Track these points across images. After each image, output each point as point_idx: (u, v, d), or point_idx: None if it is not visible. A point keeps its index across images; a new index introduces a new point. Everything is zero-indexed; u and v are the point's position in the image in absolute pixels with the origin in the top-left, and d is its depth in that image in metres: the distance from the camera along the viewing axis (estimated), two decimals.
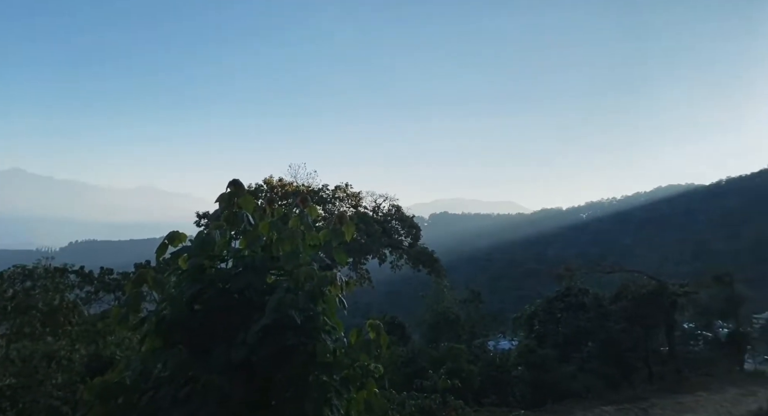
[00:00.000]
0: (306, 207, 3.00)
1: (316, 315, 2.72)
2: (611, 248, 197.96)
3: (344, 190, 31.15)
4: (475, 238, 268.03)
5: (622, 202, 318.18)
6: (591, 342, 23.78)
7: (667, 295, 23.62)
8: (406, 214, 32.26)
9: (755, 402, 14.17)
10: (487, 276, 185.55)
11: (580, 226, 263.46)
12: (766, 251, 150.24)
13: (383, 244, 30.42)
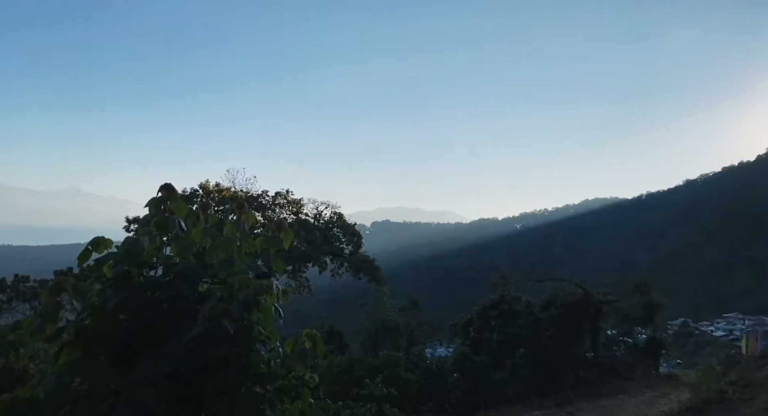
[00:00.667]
0: (243, 213, 2.92)
1: (250, 325, 2.65)
2: (543, 257, 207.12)
3: (285, 196, 30.69)
4: (416, 246, 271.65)
5: (553, 213, 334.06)
6: (523, 349, 24.63)
7: (593, 303, 25.01)
8: (348, 222, 32.24)
9: (667, 404, 15.22)
10: (427, 284, 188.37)
11: (514, 236, 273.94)
12: (680, 262, 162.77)
13: (324, 252, 30.20)
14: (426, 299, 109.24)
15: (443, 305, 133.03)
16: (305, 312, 75.48)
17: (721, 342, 60.02)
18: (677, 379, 22.38)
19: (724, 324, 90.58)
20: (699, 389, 14.16)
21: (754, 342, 24.98)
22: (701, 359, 31.94)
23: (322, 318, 52.84)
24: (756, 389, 12.66)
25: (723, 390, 12.77)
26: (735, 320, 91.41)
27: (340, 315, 55.44)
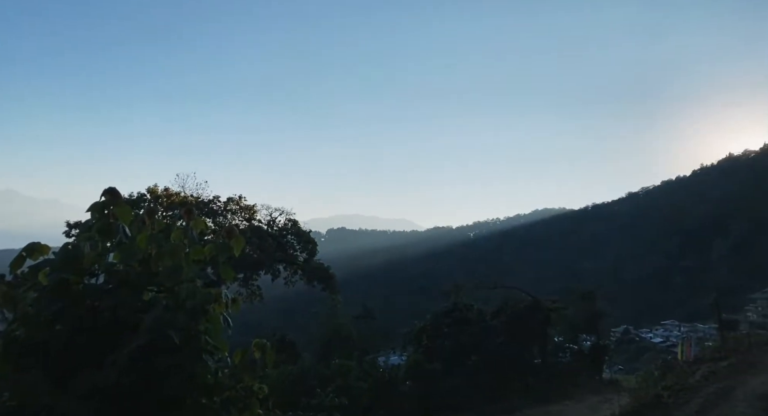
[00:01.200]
0: (192, 219, 2.83)
1: (197, 335, 2.56)
2: (495, 265, 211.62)
3: (237, 202, 30.03)
4: (372, 254, 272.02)
5: (504, 222, 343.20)
6: (474, 356, 25.01)
7: (541, 311, 25.78)
8: (303, 229, 31.84)
9: (609, 408, 15.81)
10: (382, 292, 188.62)
11: (468, 244, 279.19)
12: (623, 271, 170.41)
13: (277, 259, 29.69)
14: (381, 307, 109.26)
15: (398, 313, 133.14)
16: (256, 320, 73.75)
17: (659, 348, 63.24)
18: (619, 384, 23.27)
19: (662, 330, 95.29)
20: (638, 394, 14.80)
21: (688, 347, 26.42)
22: (641, 364, 33.52)
23: (273, 327, 51.79)
24: (690, 393, 13.35)
25: (659, 395, 13.40)
26: (672, 327, 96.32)
27: (293, 324, 54.55)
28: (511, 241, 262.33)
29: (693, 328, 72.07)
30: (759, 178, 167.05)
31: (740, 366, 16.46)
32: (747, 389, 13.36)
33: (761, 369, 15.94)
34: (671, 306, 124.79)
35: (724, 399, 12.55)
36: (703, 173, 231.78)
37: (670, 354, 36.70)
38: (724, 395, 12.99)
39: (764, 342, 21.71)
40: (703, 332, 57.12)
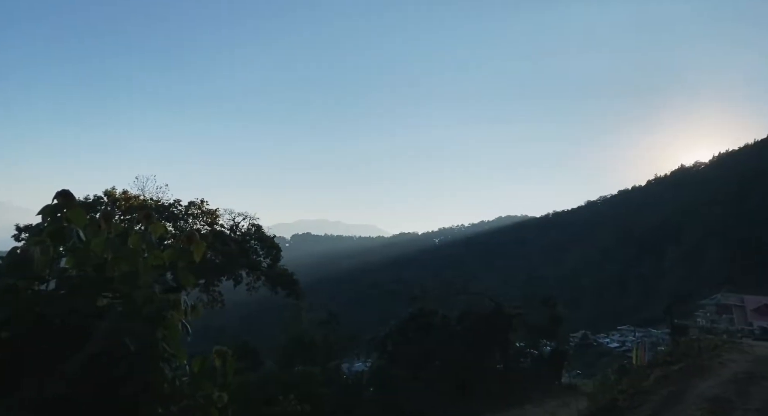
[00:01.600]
0: (150, 223, 2.75)
1: (154, 343, 2.48)
2: (460, 271, 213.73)
3: (199, 206, 29.34)
4: (337, 259, 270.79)
5: (469, 229, 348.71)
6: (438, 361, 25.21)
7: (504, 317, 26.26)
8: (267, 234, 31.39)
9: (568, 413, 16.19)
10: (348, 298, 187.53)
11: (433, 250, 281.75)
12: (582, 277, 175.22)
13: (240, 265, 29.15)
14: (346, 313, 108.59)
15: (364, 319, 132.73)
16: (218, 327, 72.10)
17: (616, 353, 65.15)
18: (577, 389, 23.87)
19: (618, 335, 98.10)
20: (595, 398, 15.21)
21: (643, 352, 27.38)
22: (598, 369, 34.41)
23: (235, 334, 50.77)
24: (643, 396, 13.83)
25: (615, 399, 13.81)
26: (627, 332, 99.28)
27: (256, 331, 53.62)
28: (475, 247, 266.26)
29: (647, 333, 74.66)
30: (708, 189, 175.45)
31: (690, 369, 17.15)
32: (696, 392, 13.93)
33: (709, 372, 16.66)
34: (627, 312, 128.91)
35: (676, 403, 13.06)
36: (656, 183, 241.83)
37: (626, 359, 37.92)
38: (675, 398, 13.51)
39: (712, 347, 22.70)
40: (656, 337, 59.34)
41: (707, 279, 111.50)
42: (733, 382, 15.01)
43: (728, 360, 18.79)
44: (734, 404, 12.81)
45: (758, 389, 14.22)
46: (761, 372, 16.47)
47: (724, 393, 13.81)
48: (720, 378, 15.55)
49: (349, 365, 37.70)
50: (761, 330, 49.80)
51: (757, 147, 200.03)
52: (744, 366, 17.49)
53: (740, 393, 13.82)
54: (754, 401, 13.07)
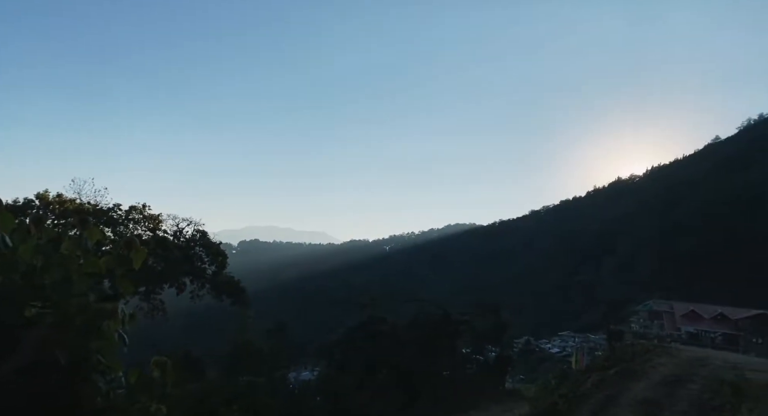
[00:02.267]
0: (86, 228, 2.62)
1: (87, 354, 2.36)
2: (409, 279, 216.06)
3: (141, 211, 28.15)
4: (286, 267, 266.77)
5: (419, 236, 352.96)
6: (386, 369, 25.26)
7: (451, 324, 26.71)
8: (213, 240, 30.51)
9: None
10: (297, 306, 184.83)
11: (383, 257, 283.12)
12: (526, 284, 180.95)
13: (184, 272, 28.18)
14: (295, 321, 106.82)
15: (312, 327, 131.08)
16: (158, 337, 69.25)
17: (557, 358, 67.70)
18: (520, 394, 24.54)
19: (559, 341, 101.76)
20: (536, 402, 15.70)
21: (581, 357, 28.62)
22: (540, 374, 35.60)
23: (178, 343, 48.87)
24: (581, 400, 14.42)
25: (555, 403, 14.32)
26: (568, 337, 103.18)
27: (199, 340, 51.78)
28: (425, 255, 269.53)
29: (586, 339, 77.96)
30: (642, 200, 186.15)
31: (625, 373, 18.05)
32: (630, 395, 14.68)
33: (642, 376, 17.60)
34: (568, 318, 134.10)
35: (611, 405, 13.69)
36: (595, 194, 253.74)
37: (566, 364, 39.42)
38: (611, 401, 14.17)
39: (644, 351, 24.00)
40: (594, 342, 62.00)
41: (640, 286, 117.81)
42: (663, 385, 15.92)
43: (659, 364, 19.92)
44: (663, 406, 13.58)
45: (685, 391, 15.15)
46: (688, 375, 17.56)
47: (655, 395, 14.62)
48: (651, 381, 16.46)
49: (297, 374, 37.12)
50: (688, 334, 53.20)
51: (686, 161, 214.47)
52: (672, 370, 18.59)
53: (669, 395, 14.68)
54: (682, 403, 13.92)
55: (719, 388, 14.88)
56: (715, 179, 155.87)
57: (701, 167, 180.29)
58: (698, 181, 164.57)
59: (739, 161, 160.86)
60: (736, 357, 28.93)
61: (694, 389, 15.47)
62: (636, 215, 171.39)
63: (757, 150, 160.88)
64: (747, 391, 14.14)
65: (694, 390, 15.36)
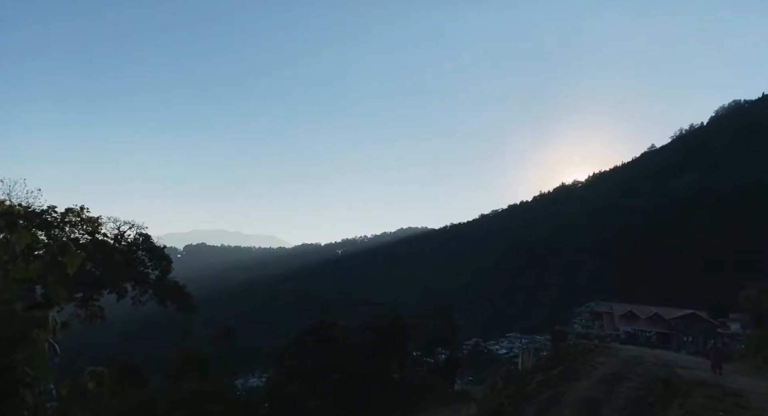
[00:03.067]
0: (14, 232, 2.47)
1: (13, 366, 2.23)
2: (362, 283, 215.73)
3: (78, 214, 26.66)
4: (235, 271, 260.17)
5: (372, 240, 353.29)
6: (337, 373, 25.10)
7: (403, 327, 26.88)
8: (157, 244, 29.32)
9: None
10: (245, 311, 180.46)
11: (335, 261, 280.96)
12: (476, 287, 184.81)
13: (125, 277, 26.92)
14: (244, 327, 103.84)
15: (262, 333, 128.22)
16: (96, 345, 65.82)
17: (504, 359, 69.39)
18: (468, 395, 25.03)
19: (507, 342, 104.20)
20: (483, 403, 16.05)
21: (527, 358, 29.51)
22: (488, 375, 36.40)
23: (117, 351, 46.68)
24: (526, 400, 14.85)
25: (502, 403, 14.68)
26: (514, 339, 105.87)
27: (141, 347, 49.61)
28: (377, 258, 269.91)
29: (532, 340, 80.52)
30: (584, 205, 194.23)
31: (568, 373, 18.77)
32: (572, 394, 15.26)
33: (583, 375, 18.36)
34: (515, 320, 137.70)
35: (554, 404, 14.18)
36: (541, 199, 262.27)
37: (513, 364, 40.48)
38: (554, 400, 14.67)
39: (586, 351, 25.08)
40: (540, 343, 64.09)
41: (583, 289, 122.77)
42: (603, 383, 16.67)
43: (599, 363, 20.87)
44: (602, 403, 14.21)
45: (622, 388, 15.93)
46: (625, 373, 18.48)
47: (595, 393, 15.28)
48: (591, 380, 17.19)
49: (245, 380, 36.24)
50: (626, 334, 55.94)
51: (625, 168, 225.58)
52: (611, 368, 19.51)
53: (608, 393, 15.38)
54: (620, 400, 14.62)
55: (653, 385, 15.75)
56: (651, 185, 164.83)
57: (639, 174, 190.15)
58: (636, 187, 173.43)
59: (673, 168, 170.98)
60: (668, 355, 30.78)
61: (631, 386, 16.29)
62: (579, 220, 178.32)
63: (688, 158, 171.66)
64: (678, 387, 15.04)
65: (631, 387, 16.18)
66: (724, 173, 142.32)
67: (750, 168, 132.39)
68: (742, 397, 13.78)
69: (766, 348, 24.54)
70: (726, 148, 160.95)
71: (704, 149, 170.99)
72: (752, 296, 27.10)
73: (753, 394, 14.55)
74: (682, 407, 12.60)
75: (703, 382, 15.96)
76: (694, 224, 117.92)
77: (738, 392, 14.60)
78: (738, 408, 12.27)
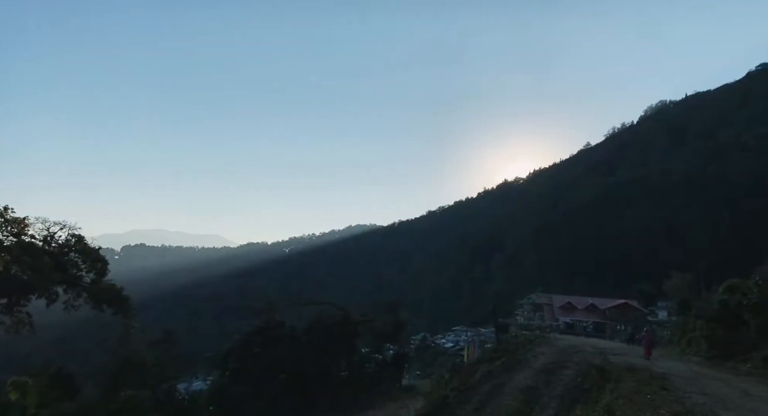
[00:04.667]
0: None
1: None
2: (310, 281, 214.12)
3: (2, 214, 24.88)
4: (177, 272, 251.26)
5: (320, 238, 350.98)
6: (284, 374, 24.77)
7: (351, 324, 26.86)
8: (91, 245, 27.82)
9: (406, 414, 17.19)
10: (187, 313, 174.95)
11: (283, 260, 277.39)
12: (423, 282, 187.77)
13: (56, 281, 25.39)
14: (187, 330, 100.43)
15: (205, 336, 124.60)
16: (25, 353, 61.75)
17: (450, 352, 70.96)
18: (415, 390, 25.41)
19: (453, 336, 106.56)
20: (430, 397, 16.38)
21: (473, 350, 30.32)
22: (435, 369, 37.13)
23: (48, 359, 43.95)
24: (471, 392, 15.29)
25: (447, 396, 15.04)
26: (461, 332, 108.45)
27: (74, 354, 47.00)
28: (326, 256, 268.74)
29: (477, 332, 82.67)
30: (526, 201, 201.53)
31: (510, 363, 19.49)
32: (513, 384, 15.87)
33: (524, 365, 19.13)
34: (461, 313, 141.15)
35: (496, 395, 14.68)
36: (485, 196, 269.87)
37: (459, 357, 41.53)
38: (496, 390, 15.20)
39: (527, 342, 26.11)
40: (485, 335, 66.06)
41: (526, 281, 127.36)
42: (542, 372, 17.43)
43: (539, 353, 21.80)
44: (542, 391, 14.87)
45: (560, 377, 16.73)
46: (563, 362, 19.41)
47: (535, 382, 15.97)
48: (532, 370, 17.94)
49: (188, 385, 35.09)
50: (565, 324, 58.63)
51: (563, 165, 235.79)
52: (551, 358, 20.44)
53: (547, 382, 16.12)
54: (557, 388, 15.35)
55: (589, 372, 16.66)
56: (586, 181, 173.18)
57: (576, 170, 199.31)
58: (573, 183, 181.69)
59: (606, 164, 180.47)
60: (603, 344, 32.59)
61: (569, 374, 17.14)
62: (521, 215, 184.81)
63: (620, 155, 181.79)
64: (610, 374, 15.98)
65: (569, 375, 17.02)
66: (652, 169, 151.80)
67: (675, 164, 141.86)
68: (667, 380, 14.84)
69: (689, 333, 26.43)
70: (654, 145, 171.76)
71: (634, 147, 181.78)
72: (677, 285, 29.17)
73: (676, 377, 15.70)
74: (614, 391, 13.41)
75: (633, 368, 17.03)
76: (627, 218, 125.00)
77: (663, 375, 15.70)
78: (663, 390, 13.20)
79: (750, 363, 18.47)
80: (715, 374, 17.23)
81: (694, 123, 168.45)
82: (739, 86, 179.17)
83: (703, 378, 15.96)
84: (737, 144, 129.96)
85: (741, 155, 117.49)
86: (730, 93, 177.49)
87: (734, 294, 21.60)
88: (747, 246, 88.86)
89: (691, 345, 24.98)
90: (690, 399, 12.38)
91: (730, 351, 20.68)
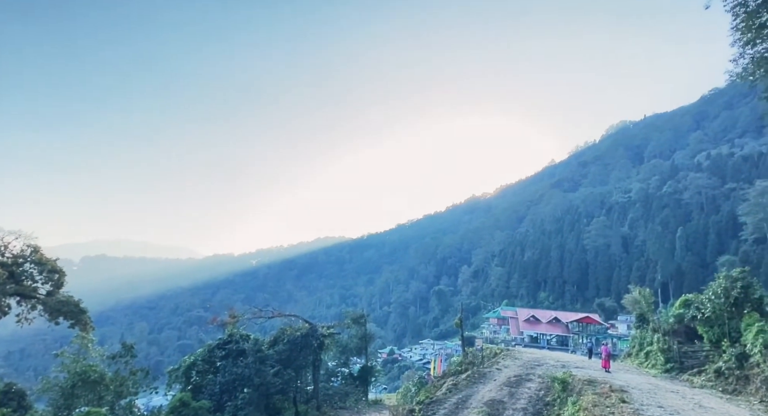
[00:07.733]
0: None
1: None
2: (276, 293, 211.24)
3: None
4: (139, 284, 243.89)
5: (288, 250, 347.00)
6: (247, 388, 24.31)
7: (317, 337, 26.63)
8: (47, 256, 26.79)
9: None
10: (148, 326, 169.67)
11: (250, 272, 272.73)
12: (391, 295, 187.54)
13: (8, 292, 24.35)
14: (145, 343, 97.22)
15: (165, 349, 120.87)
16: None
17: (417, 366, 71.07)
18: (382, 403, 25.35)
19: (420, 349, 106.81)
20: (396, 410, 16.40)
21: (439, 363, 30.54)
22: (402, 382, 37.12)
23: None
24: (437, 405, 15.40)
25: (413, 409, 15.11)
26: (428, 345, 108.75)
27: (26, 369, 44.87)
28: (293, 268, 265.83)
29: (444, 346, 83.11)
30: (492, 216, 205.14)
31: (475, 376, 19.71)
32: (478, 397, 16.06)
33: (489, 378, 19.38)
34: (428, 326, 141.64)
35: (462, 408, 14.84)
36: (454, 210, 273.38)
37: (425, 371, 41.60)
38: (462, 404, 15.35)
39: (492, 355, 26.42)
40: (451, 348, 66.43)
41: (491, 294, 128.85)
42: (507, 385, 17.71)
43: (504, 366, 22.12)
44: (506, 404, 15.11)
45: (523, 390, 17.03)
46: (527, 375, 19.76)
47: (499, 395, 16.20)
48: (496, 383, 18.20)
49: (148, 400, 33.91)
50: (529, 337, 59.50)
51: (528, 181, 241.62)
52: (515, 371, 20.77)
53: (511, 394, 16.38)
54: (521, 400, 15.62)
55: (551, 385, 17.01)
56: (550, 197, 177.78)
57: (540, 187, 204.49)
58: (538, 199, 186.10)
59: (569, 181, 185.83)
60: (566, 357, 33.26)
61: (532, 387, 17.47)
62: (488, 229, 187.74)
63: (583, 172, 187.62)
64: (572, 386, 16.37)
65: (532, 388, 17.35)
66: (612, 186, 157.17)
67: (633, 182, 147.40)
68: (626, 392, 15.29)
69: (646, 347, 27.26)
70: (613, 164, 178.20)
71: (596, 165, 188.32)
72: (635, 299, 30.12)
73: (635, 389, 16.20)
74: (575, 404, 13.75)
75: (594, 381, 17.47)
76: (589, 233, 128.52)
77: (622, 388, 16.18)
78: (622, 403, 13.61)
79: (704, 376, 19.21)
80: (672, 386, 17.86)
81: (652, 143, 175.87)
82: (693, 109, 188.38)
83: (660, 390, 16.51)
84: (691, 164, 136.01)
85: (694, 174, 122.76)
86: (684, 115, 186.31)
87: (689, 309, 22.42)
88: (701, 261, 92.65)
89: (648, 357, 25.76)
90: (647, 411, 12.81)
91: (686, 364, 21.46)
